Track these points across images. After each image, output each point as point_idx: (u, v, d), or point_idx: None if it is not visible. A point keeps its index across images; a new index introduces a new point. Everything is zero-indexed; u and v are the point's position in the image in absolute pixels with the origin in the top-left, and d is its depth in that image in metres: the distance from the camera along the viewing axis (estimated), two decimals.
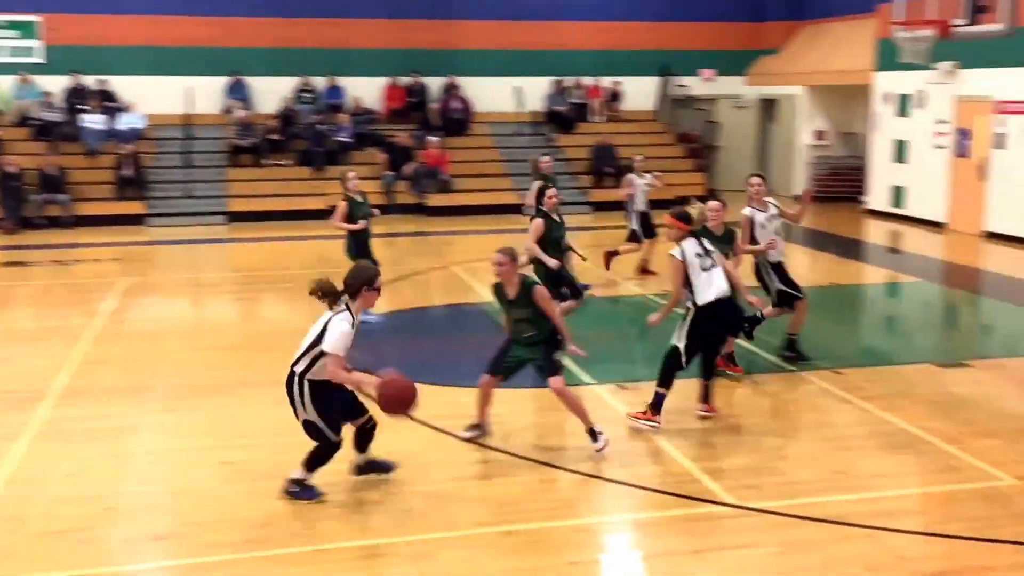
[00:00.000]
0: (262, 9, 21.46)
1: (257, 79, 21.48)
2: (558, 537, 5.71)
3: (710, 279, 7.35)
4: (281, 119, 20.74)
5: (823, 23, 22.50)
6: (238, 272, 14.91)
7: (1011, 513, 5.91)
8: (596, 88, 23.03)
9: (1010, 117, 16.00)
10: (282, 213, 18.99)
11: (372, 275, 6.33)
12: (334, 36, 21.82)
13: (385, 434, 7.34)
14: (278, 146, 20.40)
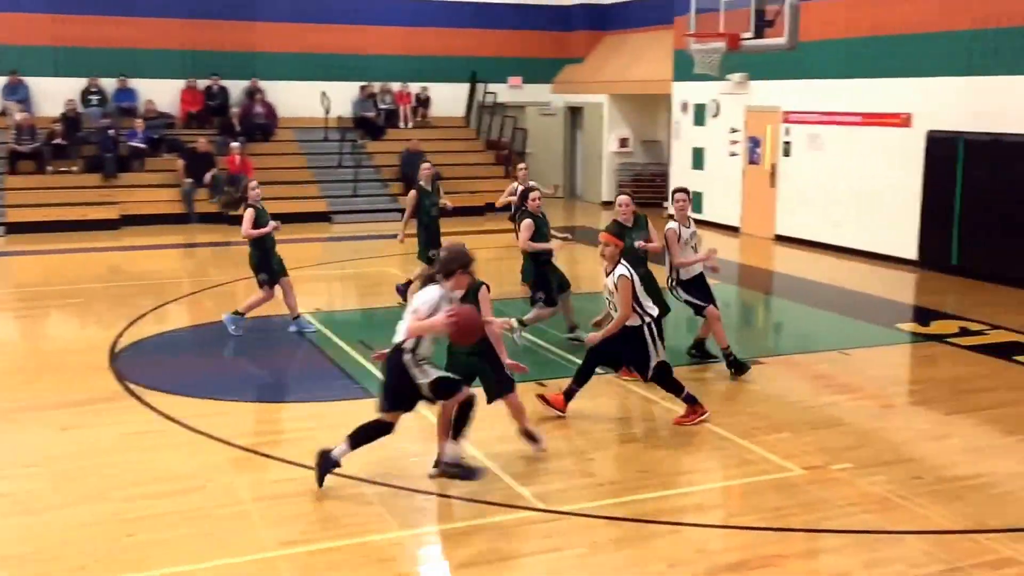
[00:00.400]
0: (42, 5, 20.29)
1: (39, 79, 20.30)
2: (369, 553, 5.66)
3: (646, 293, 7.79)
4: (66, 123, 19.61)
5: (625, 33, 23.36)
6: (19, 288, 13.99)
7: (801, 502, 6.30)
8: (405, 94, 23.03)
9: (795, 126, 17.10)
10: (68, 223, 17.99)
11: (469, 259, 6.46)
12: (124, 35, 20.90)
13: (183, 453, 7.10)
14: (63, 152, 19.31)
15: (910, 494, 6.38)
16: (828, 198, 16.41)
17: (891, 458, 7.08)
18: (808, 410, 8.22)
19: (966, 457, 7.11)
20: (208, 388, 8.73)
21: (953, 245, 14.11)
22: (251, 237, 10.78)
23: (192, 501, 6.29)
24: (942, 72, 14.25)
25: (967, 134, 13.78)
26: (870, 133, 15.57)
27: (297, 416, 8.07)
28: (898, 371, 9.88)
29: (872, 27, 15.39)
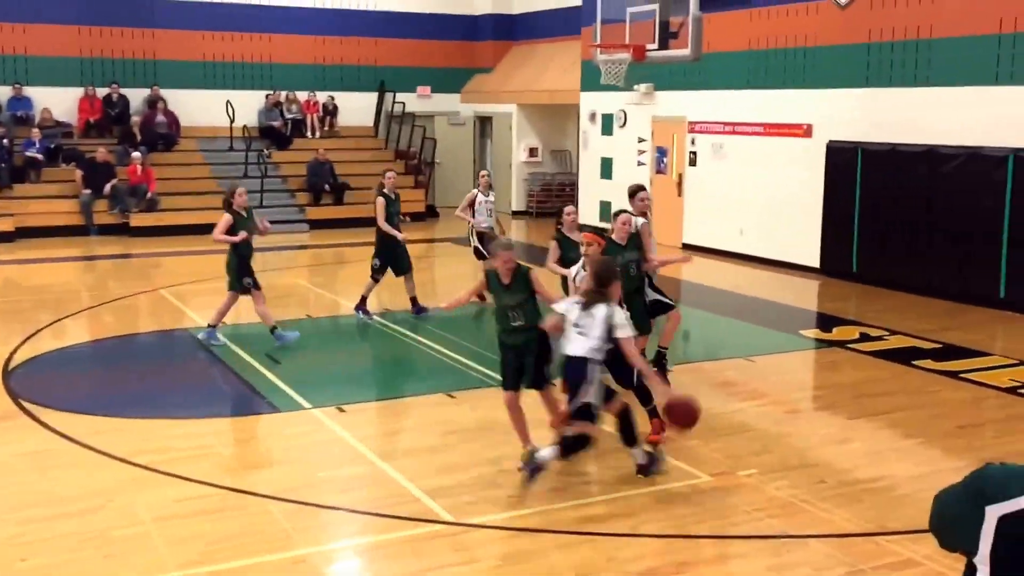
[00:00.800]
0: None
1: None
2: (274, 572, 5.54)
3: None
4: None
5: (533, 43, 23.50)
6: None
7: (708, 509, 6.37)
8: (312, 103, 22.76)
9: (700, 136, 17.41)
10: None
11: (617, 269, 6.82)
12: (18, 42, 20.22)
13: (79, 473, 6.86)
14: None
15: (814, 498, 6.51)
16: (733, 207, 16.74)
17: (796, 463, 7.22)
18: (715, 417, 8.33)
19: (867, 460, 7.30)
20: (107, 405, 8.47)
21: (853, 253, 14.51)
22: (217, 241, 10.48)
23: (90, 523, 6.07)
24: (841, 84, 14.68)
25: (865, 144, 14.20)
26: (773, 143, 15.94)
27: (199, 432, 7.86)
28: (802, 377, 10.10)
29: (774, 40, 15.78)
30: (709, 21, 14.02)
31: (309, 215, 20.39)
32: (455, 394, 8.83)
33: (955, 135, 12.98)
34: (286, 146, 21.94)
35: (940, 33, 13.19)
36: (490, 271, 7.04)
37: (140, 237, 18.36)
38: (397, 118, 23.02)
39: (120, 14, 20.98)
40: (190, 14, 21.62)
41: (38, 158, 19.18)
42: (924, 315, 12.26)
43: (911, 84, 13.63)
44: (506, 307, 6.92)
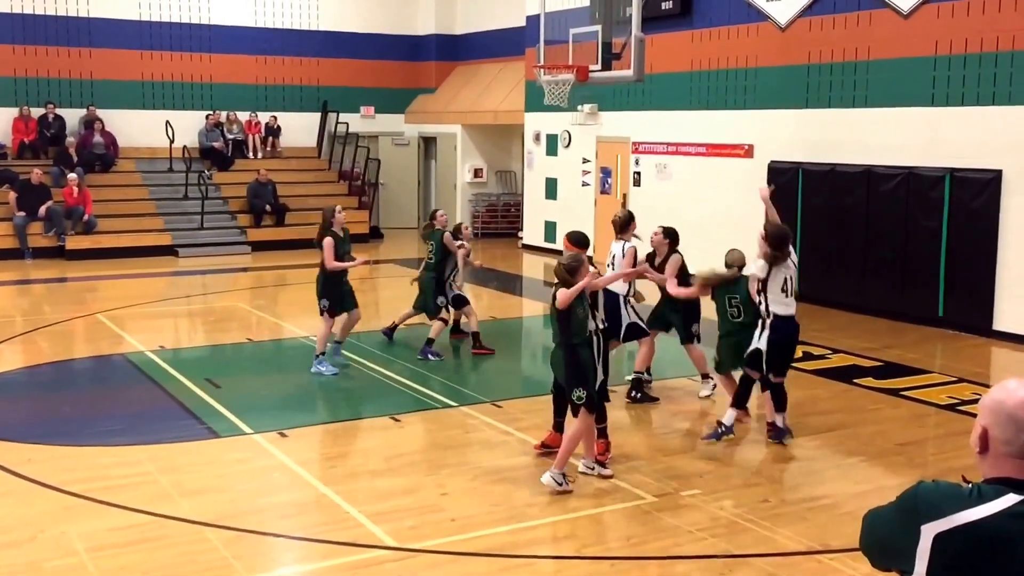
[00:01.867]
0: None
1: None
2: None
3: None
4: None
5: (477, 64, 23.59)
6: None
7: (651, 529, 6.40)
8: (254, 124, 22.60)
9: (644, 156, 17.59)
10: None
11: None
12: None
13: (10, 503, 6.70)
14: None
15: (757, 517, 6.57)
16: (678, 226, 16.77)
17: (739, 482, 7.29)
18: (659, 437, 8.39)
19: (809, 479, 7.39)
20: (40, 432, 8.28)
21: None
22: (336, 270, 10.19)
23: (21, 554, 5.93)
24: (782, 104, 14.93)
25: (805, 164, 14.45)
26: (715, 163, 16.15)
27: (136, 459, 7.71)
28: None
29: (716, 60, 16.01)
30: (651, 42, 14.20)
31: (250, 237, 20.20)
32: (399, 417, 8.78)
33: (893, 155, 13.27)
34: (227, 167, 21.74)
35: (877, 55, 13.49)
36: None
37: (76, 260, 18.04)
38: (341, 139, 22.94)
39: (55, 33, 20.66)
40: (127, 33, 21.35)
41: None
42: (865, 334, 12.47)
43: (849, 105, 13.91)
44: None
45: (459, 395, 9.51)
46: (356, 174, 22.71)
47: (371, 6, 23.91)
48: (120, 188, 20.40)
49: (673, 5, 16.39)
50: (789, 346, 8.09)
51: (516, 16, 20.75)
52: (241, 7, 22.52)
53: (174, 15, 21.80)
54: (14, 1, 20.28)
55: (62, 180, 19.10)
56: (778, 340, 7.89)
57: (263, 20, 22.79)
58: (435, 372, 10.42)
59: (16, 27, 20.32)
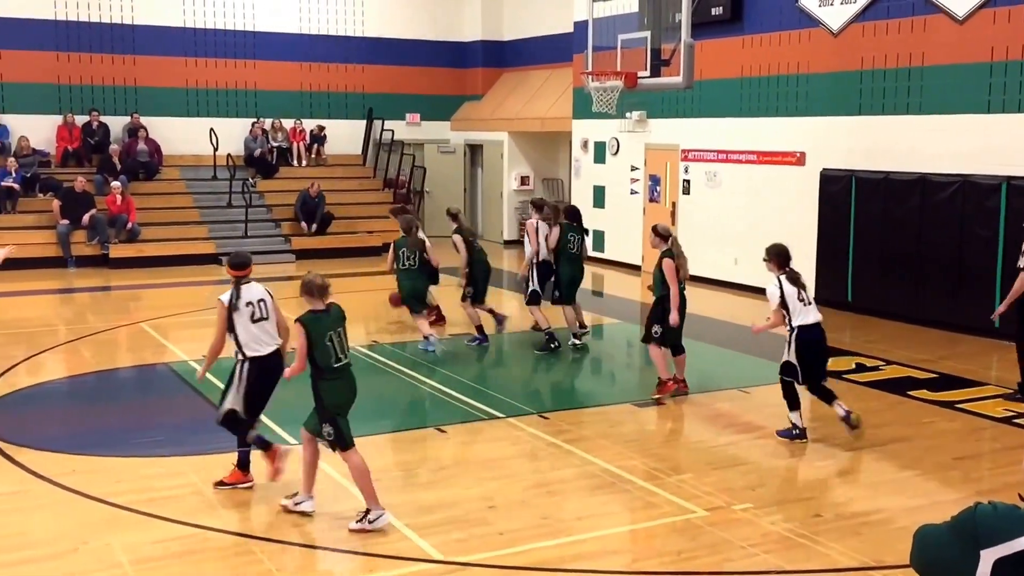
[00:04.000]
0: None
1: None
2: None
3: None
4: None
5: (524, 71, 23.68)
6: None
7: (703, 544, 6.39)
8: (299, 131, 22.86)
9: (693, 164, 17.55)
10: None
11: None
12: None
13: (54, 514, 6.84)
14: None
15: (810, 532, 6.54)
16: (728, 236, 16.84)
17: (791, 497, 7.26)
18: (710, 450, 8.37)
19: (864, 493, 7.33)
20: (84, 443, 8.44)
21: (848, 282, 14.61)
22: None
23: (65, 566, 6.05)
24: (835, 112, 14.83)
25: (858, 172, 14.34)
26: (766, 171, 16.07)
27: (179, 470, 7.85)
28: None
29: (767, 67, 15.95)
30: (701, 48, 14.16)
31: (294, 245, 20.43)
32: (445, 428, 8.84)
33: (948, 163, 13.13)
34: (271, 175, 22.01)
35: (932, 61, 13.37)
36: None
37: (120, 269, 18.35)
38: (386, 146, 23.14)
39: (99, 40, 21.06)
40: (172, 40, 21.73)
41: (14, 188, 19.17)
42: (919, 345, 12.34)
43: (904, 112, 13.79)
44: None
45: (505, 406, 9.55)
46: (401, 182, 22.87)
47: (417, 12, 24.11)
48: (164, 196, 20.74)
49: (723, 11, 16.35)
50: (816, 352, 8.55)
51: (564, 22, 20.80)
52: (286, 14, 22.82)
53: (219, 22, 22.15)
54: (58, 8, 20.72)
55: (106, 188, 19.45)
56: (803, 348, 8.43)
57: (308, 27, 23.07)
58: (481, 383, 10.47)
59: (60, 34, 20.76)
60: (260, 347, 7.18)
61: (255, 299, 7.23)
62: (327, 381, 6.64)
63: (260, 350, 7.18)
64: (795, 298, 8.37)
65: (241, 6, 22.33)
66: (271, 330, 7.27)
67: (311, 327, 6.56)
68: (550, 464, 8.03)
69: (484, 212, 24.13)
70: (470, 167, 24.76)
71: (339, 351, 6.64)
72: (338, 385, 6.69)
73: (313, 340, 6.54)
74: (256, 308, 7.20)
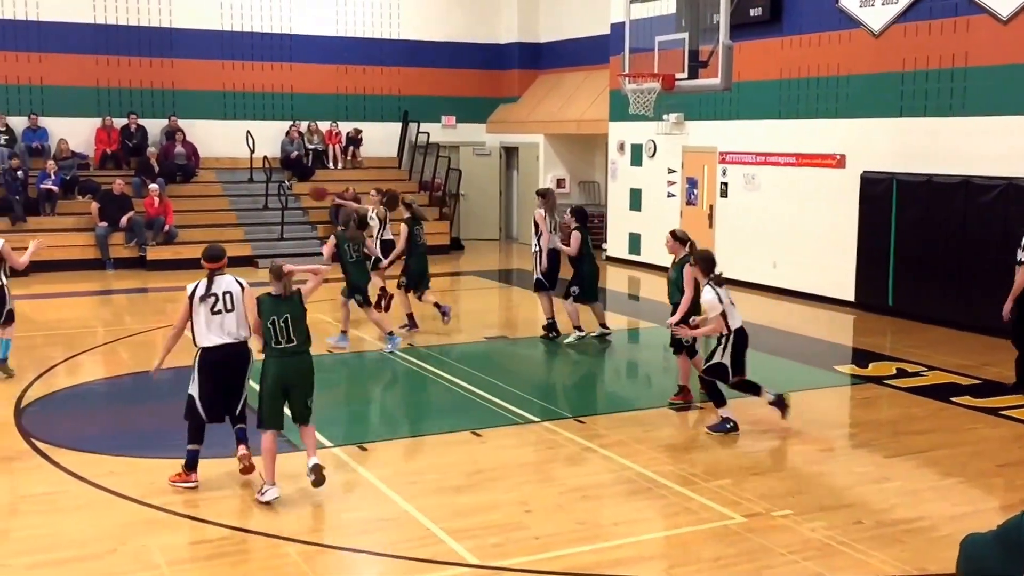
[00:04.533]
0: None
1: None
2: None
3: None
4: None
5: (560, 72, 23.68)
6: None
7: (741, 550, 6.35)
8: (335, 133, 23.00)
9: (731, 167, 17.46)
10: None
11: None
12: (34, 72, 20.58)
13: (92, 515, 6.92)
14: None
15: (850, 540, 6.48)
16: (766, 239, 16.74)
17: (831, 503, 7.19)
18: (748, 455, 8.32)
19: (905, 500, 7.25)
20: (121, 444, 8.52)
21: (889, 286, 14.47)
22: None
23: (103, 566, 6.13)
24: (875, 113, 14.70)
25: (900, 175, 14.20)
26: (805, 174, 15.95)
27: (216, 472, 7.91)
28: (837, 414, 10.05)
29: (806, 68, 15.84)
30: (739, 50, 14.11)
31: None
32: (481, 432, 8.85)
33: (992, 165, 12.97)
34: (307, 177, 22.16)
35: (975, 62, 13.21)
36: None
37: (157, 271, 18.54)
38: (421, 149, 23.23)
39: (138, 43, 21.31)
40: (209, 43, 21.95)
41: (54, 190, 19.44)
42: (962, 350, 12.19)
43: (946, 113, 13.63)
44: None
45: (541, 410, 9.55)
46: (437, 185, 22.95)
47: (452, 14, 24.18)
48: (201, 199, 20.94)
49: (762, 12, 16.26)
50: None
51: (600, 24, 20.78)
52: (322, 16, 22.98)
53: (255, 25, 22.35)
54: (98, 12, 21.00)
55: (143, 190, 19.67)
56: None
57: (344, 29, 23.22)
58: (516, 386, 10.48)
59: (99, 38, 21.03)
60: (213, 338, 7.32)
61: (221, 291, 7.39)
62: (266, 358, 7.16)
63: (212, 341, 7.31)
64: (728, 303, 8.75)
65: (278, 9, 22.52)
66: (231, 323, 7.37)
67: (260, 306, 7.15)
68: (586, 469, 8.02)
69: (519, 215, 24.12)
70: (506, 170, 24.79)
71: (280, 335, 7.08)
72: (271, 363, 7.12)
73: (262, 318, 7.10)
74: (220, 300, 7.35)
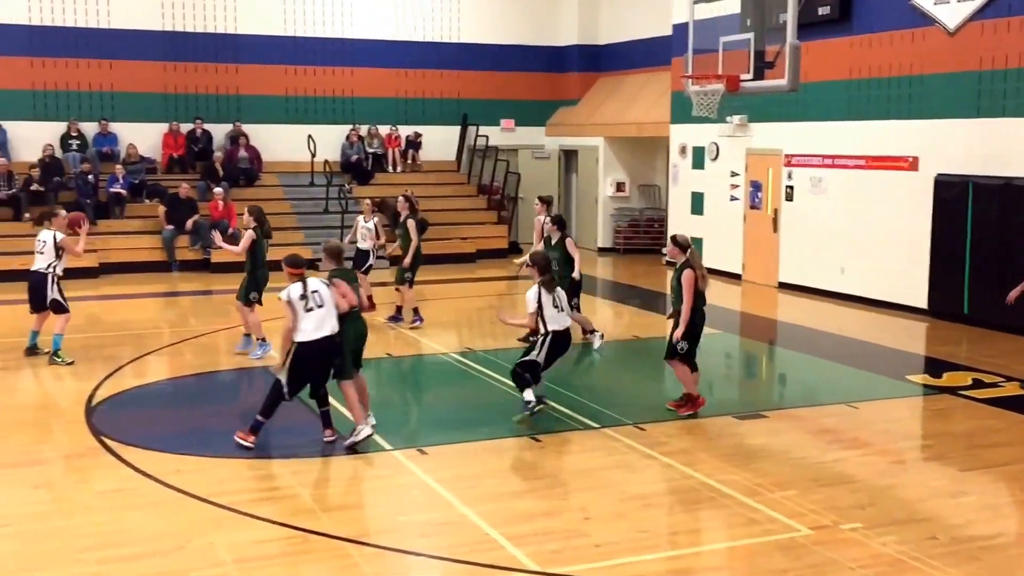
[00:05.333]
0: (22, 48, 20.40)
1: (17, 124, 20.39)
2: None
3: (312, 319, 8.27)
4: (44, 168, 19.62)
5: (621, 75, 23.57)
6: None
7: (809, 564, 6.23)
8: (394, 137, 23.16)
9: (797, 170, 17.21)
10: None
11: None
12: (104, 78, 21.03)
13: (160, 512, 7.02)
14: (40, 198, 19.28)
15: (924, 555, 6.32)
16: (833, 244, 16.47)
17: (903, 517, 7.02)
18: (815, 466, 8.17)
19: (982, 516, 7.06)
20: (188, 443, 8.65)
21: (964, 293, 14.14)
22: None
23: (170, 563, 6.21)
24: (950, 114, 14.39)
25: (975, 178, 13.88)
26: (876, 177, 15.67)
27: (279, 472, 7.99)
28: (909, 425, 9.83)
29: (877, 68, 15.57)
30: (807, 50, 13.89)
31: (389, 251, 20.62)
32: (540, 437, 8.82)
33: None
34: (367, 181, 22.33)
35: None
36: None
37: (221, 273, 18.79)
38: (480, 152, 23.27)
39: (204, 50, 21.68)
40: (272, 49, 22.24)
41: (122, 194, 19.88)
42: None
43: None
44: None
45: (601, 416, 9.48)
46: (495, 188, 22.98)
47: (512, 17, 24.22)
48: (263, 202, 21.08)
49: (831, 10, 16.02)
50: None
51: (662, 25, 20.65)
52: (382, 21, 23.16)
53: (317, 30, 22.59)
54: (165, 19, 21.40)
55: (208, 194, 19.99)
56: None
57: (404, 33, 23.37)
58: (576, 392, 10.43)
59: (167, 44, 21.42)
60: (311, 333, 8.24)
61: (310, 291, 8.30)
62: (347, 322, 8.47)
63: (310, 336, 8.23)
64: (551, 305, 9.14)
65: (340, 14, 22.75)
66: (324, 318, 8.30)
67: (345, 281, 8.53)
68: (647, 476, 7.94)
69: (579, 219, 24.05)
70: (565, 173, 24.74)
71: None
72: (350, 325, 8.54)
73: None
74: (311, 299, 8.28)
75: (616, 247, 22.98)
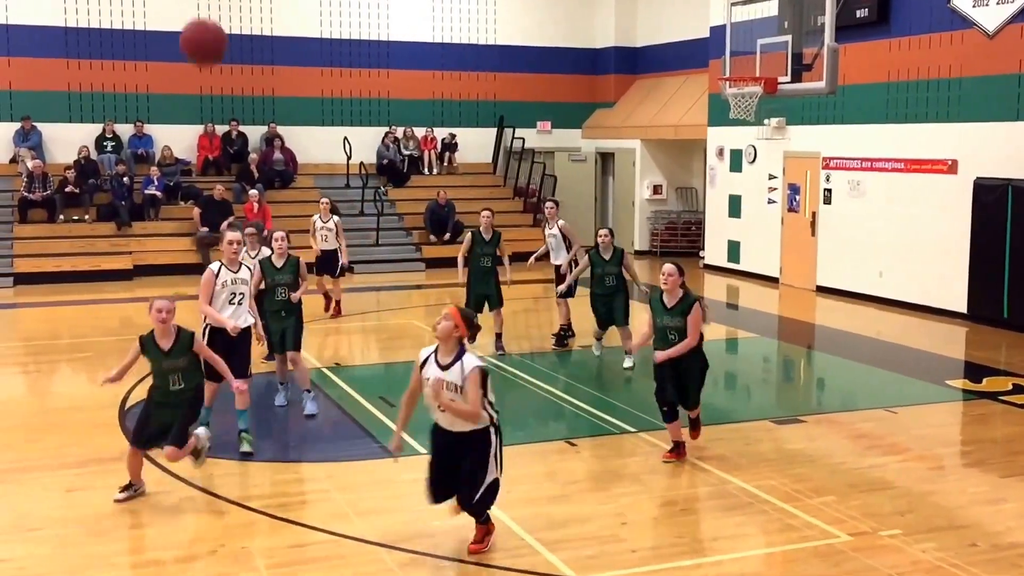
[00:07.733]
0: (57, 50, 20.66)
1: (52, 125, 20.65)
2: None
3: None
4: (79, 170, 19.86)
5: (658, 77, 23.51)
6: (26, 341, 14.11)
7: (846, 570, 6.19)
8: (430, 139, 23.24)
9: (835, 173, 17.10)
10: (79, 274, 18.23)
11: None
12: (140, 80, 21.25)
13: (194, 516, 7.09)
14: (75, 200, 19.55)
15: (964, 563, 6.26)
16: (871, 247, 16.34)
17: (943, 524, 6.96)
18: (853, 472, 8.11)
19: (1023, 523, 6.98)
20: (219, 447, 8.70)
21: (1004, 297, 13.98)
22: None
23: (203, 567, 6.26)
24: (990, 117, 14.24)
25: (1016, 181, 13.72)
26: (914, 180, 15.53)
27: (313, 476, 8.05)
28: (949, 431, 9.74)
29: (916, 71, 15.43)
30: (845, 52, 13.82)
31: (424, 254, 20.74)
32: (575, 441, 8.82)
33: None
34: (403, 183, 22.42)
35: None
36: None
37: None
38: (516, 154, 23.30)
39: (240, 51, 21.78)
40: (308, 50, 22.39)
41: (157, 196, 20.07)
42: None
43: None
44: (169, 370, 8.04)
45: (637, 420, 9.46)
46: (531, 191, 22.99)
47: (548, 19, 24.23)
48: (298, 204, 21.30)
49: (869, 13, 15.90)
50: None
51: (699, 27, 20.59)
52: (418, 23, 23.25)
53: (353, 32, 22.72)
54: None
55: (243, 196, 20.12)
56: None
57: (440, 35, 23.46)
58: (613, 396, 10.42)
59: None
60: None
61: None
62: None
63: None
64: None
65: (376, 16, 22.87)
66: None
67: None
68: (684, 481, 7.92)
69: (615, 221, 23.99)
70: (601, 175, 24.71)
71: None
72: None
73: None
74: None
75: (653, 250, 22.92)
